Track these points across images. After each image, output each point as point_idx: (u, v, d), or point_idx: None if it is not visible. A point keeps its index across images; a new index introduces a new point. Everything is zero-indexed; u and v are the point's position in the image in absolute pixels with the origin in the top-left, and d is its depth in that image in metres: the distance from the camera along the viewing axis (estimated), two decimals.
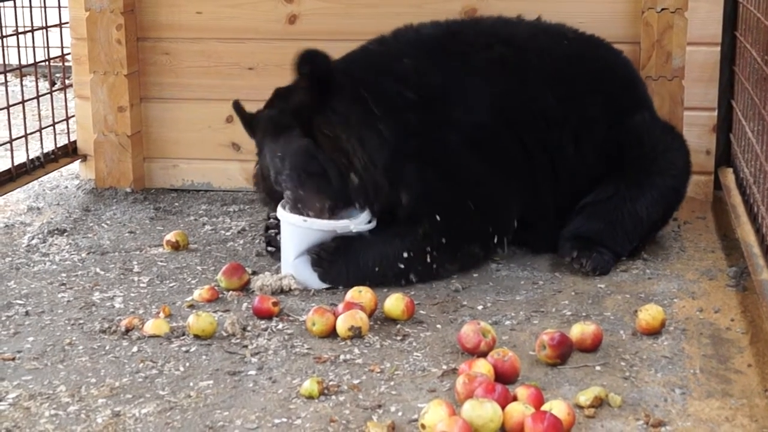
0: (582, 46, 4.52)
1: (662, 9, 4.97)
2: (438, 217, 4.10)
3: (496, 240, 4.25)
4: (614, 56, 4.61)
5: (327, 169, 4.08)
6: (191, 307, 3.93)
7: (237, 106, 4.44)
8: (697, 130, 5.04)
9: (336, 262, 4.07)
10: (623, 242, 4.31)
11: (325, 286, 4.09)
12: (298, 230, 4.11)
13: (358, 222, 4.13)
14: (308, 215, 4.09)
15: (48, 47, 5.71)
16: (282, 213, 4.16)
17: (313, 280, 4.09)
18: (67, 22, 5.69)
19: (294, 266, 4.13)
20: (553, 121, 4.32)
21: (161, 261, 4.45)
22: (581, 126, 4.35)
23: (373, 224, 4.21)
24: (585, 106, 4.37)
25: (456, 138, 4.21)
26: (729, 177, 4.95)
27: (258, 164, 4.40)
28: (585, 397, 3.11)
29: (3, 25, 5.38)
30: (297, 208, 4.12)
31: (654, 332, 3.62)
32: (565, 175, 4.34)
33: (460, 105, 4.25)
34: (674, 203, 4.50)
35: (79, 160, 5.73)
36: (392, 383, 3.30)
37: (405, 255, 4.08)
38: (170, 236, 4.61)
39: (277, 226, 4.25)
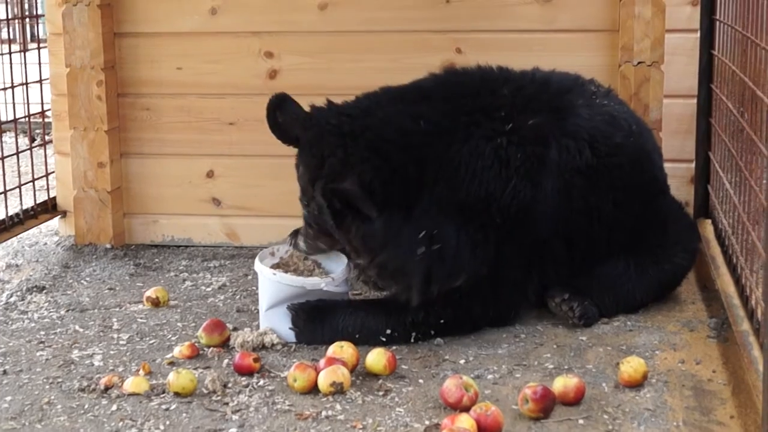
0: (641, 142, 4.44)
1: (639, 62, 5.01)
2: (439, 318, 4.11)
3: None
4: (658, 149, 4.64)
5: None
6: (171, 364, 3.91)
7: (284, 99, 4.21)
8: (675, 182, 5.06)
9: (313, 322, 4.07)
10: (610, 308, 4.32)
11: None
12: (269, 282, 4.13)
13: (330, 281, 4.13)
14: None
15: (28, 103, 5.71)
16: (257, 264, 4.18)
17: (285, 333, 4.09)
18: (47, 79, 5.70)
19: (266, 317, 4.15)
20: (604, 222, 4.30)
21: (141, 318, 4.43)
22: (623, 220, 4.35)
23: (347, 288, 4.24)
24: (633, 206, 4.36)
25: (510, 250, 4.16)
26: (708, 228, 4.97)
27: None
28: None
29: None
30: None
31: (636, 385, 3.61)
32: (590, 254, 4.34)
33: (533, 225, 4.17)
34: (671, 289, 4.53)
35: (59, 216, 5.71)
36: None
37: (388, 332, 4.07)
38: (150, 292, 4.60)
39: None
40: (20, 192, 5.52)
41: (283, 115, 4.19)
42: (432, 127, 4.09)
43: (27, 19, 6.83)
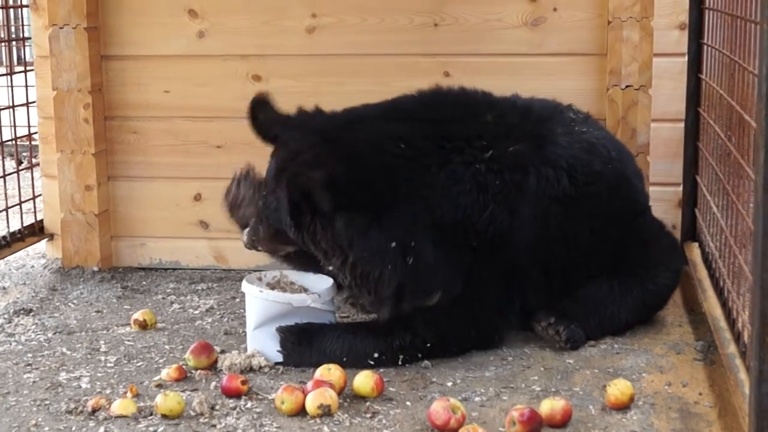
0: (620, 168, 4.45)
1: (627, 86, 5.03)
2: (425, 342, 4.12)
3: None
4: (639, 172, 4.63)
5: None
6: (159, 386, 3.90)
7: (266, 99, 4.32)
8: (662, 206, 5.08)
9: (301, 344, 4.07)
10: (596, 330, 4.33)
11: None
12: (256, 301, 4.13)
13: (316, 298, 4.14)
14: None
15: (15, 126, 5.71)
16: (244, 284, 4.18)
17: (272, 353, 4.09)
18: (34, 102, 5.70)
19: (253, 336, 4.15)
20: (581, 250, 4.32)
21: (128, 340, 4.42)
22: (601, 247, 4.36)
23: (333, 307, 4.24)
24: (612, 231, 4.37)
25: (488, 274, 4.18)
26: (695, 251, 4.98)
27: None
28: None
29: None
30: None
31: (623, 407, 3.62)
32: (568, 280, 4.34)
33: (510, 250, 4.18)
34: (656, 309, 4.54)
35: (46, 239, 5.71)
36: None
37: (376, 355, 4.07)
38: (138, 315, 4.59)
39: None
40: (7, 215, 5.51)
41: (264, 113, 4.26)
42: (412, 152, 4.11)
43: (14, 42, 6.84)
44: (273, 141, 4.26)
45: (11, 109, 5.63)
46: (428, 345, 4.10)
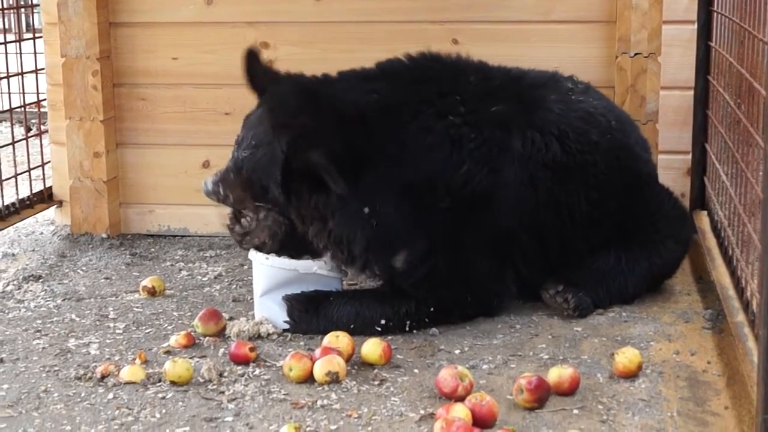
0: (620, 137, 4.39)
1: (636, 54, 5.01)
2: (429, 307, 4.12)
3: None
4: (642, 141, 4.57)
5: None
6: (167, 353, 3.91)
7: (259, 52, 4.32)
8: (671, 174, 5.07)
9: (308, 312, 4.08)
10: (604, 300, 4.32)
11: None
12: (263, 267, 4.13)
13: (322, 264, 4.15)
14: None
15: (24, 93, 5.71)
16: (251, 252, 4.20)
17: (278, 320, 4.10)
18: (43, 68, 5.70)
19: (260, 303, 4.16)
20: (577, 221, 4.29)
21: (137, 307, 4.43)
22: (601, 217, 4.32)
23: (339, 273, 4.25)
24: (611, 203, 4.33)
25: (472, 237, 4.14)
26: (704, 220, 4.97)
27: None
28: None
29: None
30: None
31: (631, 375, 3.62)
32: (566, 251, 4.32)
33: (496, 211, 4.15)
34: (665, 278, 4.53)
35: (55, 206, 5.71)
36: (370, 428, 3.29)
37: (383, 322, 4.08)
38: (146, 282, 4.60)
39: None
40: (16, 181, 5.52)
41: (256, 65, 4.29)
42: (385, 101, 4.12)
43: (22, 9, 6.82)
44: (261, 93, 4.26)
45: (20, 76, 5.62)
46: (432, 310, 4.10)
